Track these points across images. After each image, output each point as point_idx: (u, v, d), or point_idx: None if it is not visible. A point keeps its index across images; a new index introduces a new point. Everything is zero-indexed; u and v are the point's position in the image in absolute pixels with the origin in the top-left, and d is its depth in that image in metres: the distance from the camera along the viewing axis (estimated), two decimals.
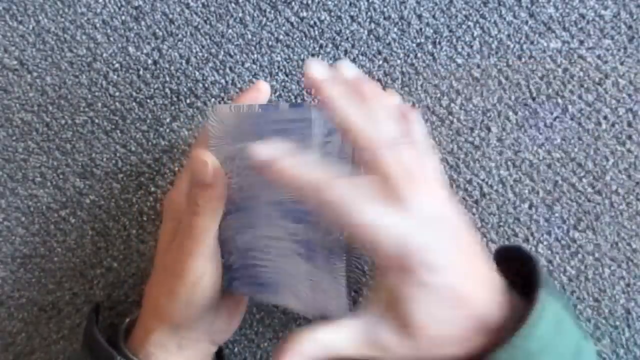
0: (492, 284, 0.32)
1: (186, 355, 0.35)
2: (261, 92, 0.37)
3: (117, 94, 0.45)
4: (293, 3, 0.45)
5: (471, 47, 0.44)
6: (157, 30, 0.45)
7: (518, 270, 0.34)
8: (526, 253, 0.35)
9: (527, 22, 0.44)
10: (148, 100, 0.44)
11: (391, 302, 0.30)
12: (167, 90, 0.45)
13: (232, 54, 0.45)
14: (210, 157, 0.32)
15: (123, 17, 0.45)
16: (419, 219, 0.29)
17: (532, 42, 0.44)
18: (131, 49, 0.45)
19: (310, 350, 0.30)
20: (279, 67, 0.45)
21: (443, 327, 0.30)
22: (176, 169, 0.44)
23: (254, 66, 0.45)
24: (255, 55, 0.45)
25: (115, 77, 0.45)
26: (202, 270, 0.32)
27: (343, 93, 0.30)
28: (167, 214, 0.36)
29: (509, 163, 0.43)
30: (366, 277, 0.38)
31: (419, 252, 0.29)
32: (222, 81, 0.45)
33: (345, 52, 0.44)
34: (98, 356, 0.34)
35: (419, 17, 0.44)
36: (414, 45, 0.44)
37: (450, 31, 0.44)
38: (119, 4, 0.45)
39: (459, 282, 0.30)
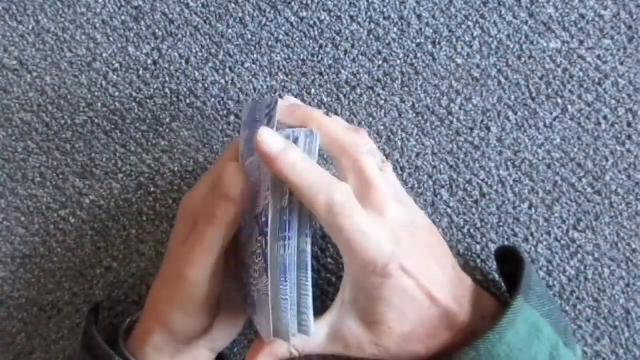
0: (462, 287, 0.33)
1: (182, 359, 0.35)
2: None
3: (117, 94, 0.45)
4: (293, 3, 0.45)
5: (471, 47, 0.44)
6: (157, 30, 0.45)
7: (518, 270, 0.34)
8: (519, 255, 0.35)
9: (527, 22, 0.44)
10: (148, 100, 0.44)
11: (364, 302, 0.32)
12: (167, 90, 0.45)
13: (232, 54, 0.45)
14: (242, 173, 0.32)
15: (123, 17, 0.45)
16: (396, 226, 0.31)
17: (532, 42, 0.44)
18: (131, 49, 0.45)
19: (281, 351, 0.32)
20: (279, 67, 0.45)
21: (413, 325, 0.32)
22: (176, 169, 0.44)
23: (254, 66, 0.45)
24: (255, 55, 0.45)
25: (115, 77, 0.45)
26: (204, 280, 0.32)
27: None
28: (182, 216, 0.36)
29: (509, 163, 0.43)
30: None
31: (397, 259, 0.30)
32: (222, 81, 0.45)
33: (345, 52, 0.44)
34: (96, 356, 0.34)
35: (419, 17, 0.44)
36: (414, 45, 0.44)
37: (450, 31, 0.44)
38: (119, 4, 0.45)
39: (432, 285, 0.31)
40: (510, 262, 0.37)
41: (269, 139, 0.30)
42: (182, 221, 0.35)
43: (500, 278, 0.41)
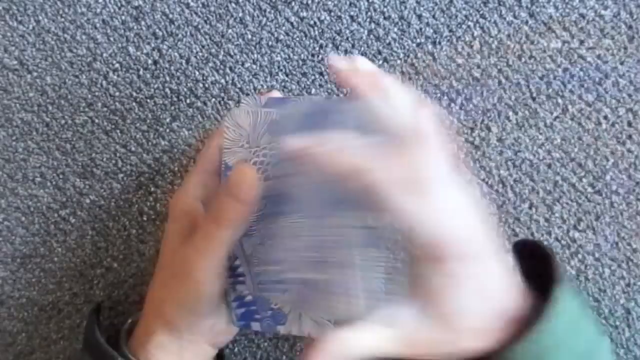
0: (513, 278, 0.32)
1: (186, 357, 0.35)
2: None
3: (117, 94, 0.45)
4: (293, 3, 0.45)
5: (471, 47, 0.44)
6: (157, 30, 0.45)
7: (534, 266, 0.34)
8: (544, 249, 0.35)
9: (527, 22, 0.44)
10: (148, 100, 0.44)
11: (423, 293, 0.30)
12: (167, 90, 0.45)
13: (232, 54, 0.45)
14: (256, 174, 0.31)
15: (123, 17, 0.45)
16: (449, 210, 0.29)
17: (532, 42, 0.44)
18: (131, 49, 0.45)
19: (339, 351, 0.29)
20: (279, 67, 0.45)
21: (472, 318, 0.30)
22: (176, 169, 0.44)
23: (254, 66, 0.45)
24: (255, 55, 0.45)
25: (115, 77, 0.45)
26: (212, 280, 0.32)
27: (368, 85, 0.30)
28: (174, 214, 0.36)
29: (509, 163, 0.43)
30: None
31: (451, 243, 0.29)
32: (222, 81, 0.45)
33: (345, 52, 0.44)
34: (98, 356, 0.34)
35: (419, 17, 0.44)
36: (414, 45, 0.44)
37: (450, 31, 0.44)
38: (119, 4, 0.45)
39: (486, 274, 0.30)
40: (525, 255, 0.36)
41: (294, 140, 0.29)
42: (177, 221, 0.35)
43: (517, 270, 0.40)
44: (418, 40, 0.44)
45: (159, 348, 0.34)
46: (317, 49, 0.45)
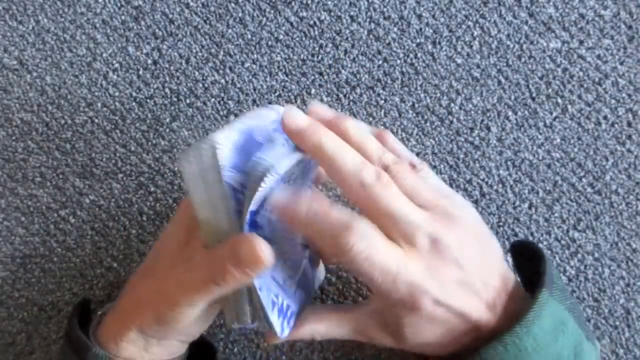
0: (502, 290, 0.33)
1: (154, 352, 0.35)
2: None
3: (117, 93, 0.45)
4: (293, 3, 0.45)
5: (471, 47, 0.44)
6: (157, 30, 0.45)
7: (536, 265, 0.34)
8: (538, 251, 0.35)
9: (527, 22, 0.44)
10: (148, 100, 0.44)
11: (389, 319, 0.33)
12: (167, 90, 0.45)
13: (232, 54, 0.45)
14: (268, 250, 0.30)
15: (123, 17, 0.45)
16: (425, 258, 0.31)
17: (532, 42, 0.44)
18: (131, 49, 0.45)
19: (305, 333, 0.34)
20: (279, 67, 0.45)
21: (438, 337, 0.32)
22: (176, 168, 0.44)
23: (254, 66, 0.45)
24: (255, 55, 0.45)
25: (115, 77, 0.45)
26: (194, 313, 0.32)
27: (330, 139, 0.31)
28: (183, 217, 0.35)
29: (509, 163, 0.43)
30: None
31: (428, 293, 0.30)
32: (222, 81, 0.45)
33: (345, 51, 0.44)
34: (75, 347, 0.35)
35: (419, 17, 0.44)
36: (414, 45, 0.44)
37: (450, 31, 0.44)
38: (119, 4, 0.45)
39: (465, 306, 0.31)
40: (524, 256, 0.37)
41: (280, 197, 0.31)
42: (183, 225, 0.35)
43: (516, 272, 0.40)
44: (418, 40, 0.44)
45: (129, 342, 0.34)
46: (317, 49, 0.45)
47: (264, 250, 0.30)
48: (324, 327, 0.34)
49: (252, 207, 0.30)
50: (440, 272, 0.31)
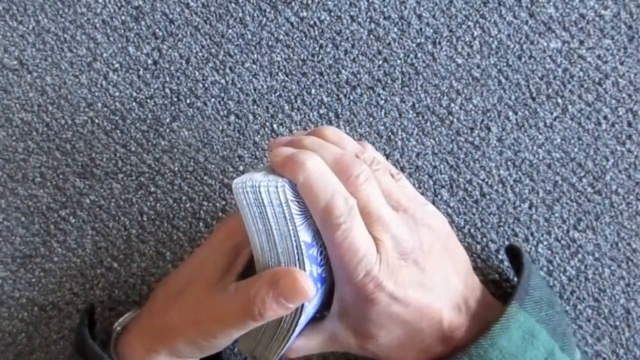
0: (471, 298, 0.33)
1: None
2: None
3: (117, 94, 0.45)
4: (293, 3, 0.45)
5: (471, 47, 0.44)
6: (157, 30, 0.45)
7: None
8: (521, 257, 0.36)
9: (527, 22, 0.44)
10: (148, 101, 0.44)
11: (353, 317, 0.33)
12: (167, 90, 0.45)
13: (232, 54, 0.45)
14: (311, 284, 0.30)
15: (123, 17, 0.45)
16: (388, 256, 0.31)
17: (532, 42, 0.44)
18: (131, 49, 0.45)
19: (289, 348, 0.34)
20: (279, 67, 0.45)
21: (402, 341, 0.32)
22: (176, 169, 0.44)
23: (254, 66, 0.45)
24: (255, 55, 0.45)
25: (115, 77, 0.45)
26: (227, 342, 0.33)
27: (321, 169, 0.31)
28: (224, 243, 0.35)
29: (509, 163, 0.43)
30: None
31: (383, 288, 0.31)
32: (222, 81, 0.45)
33: (345, 52, 0.44)
34: (88, 358, 0.34)
35: (419, 17, 0.44)
36: (414, 45, 0.44)
37: (450, 31, 0.44)
38: (119, 4, 0.45)
39: (426, 308, 0.32)
40: (518, 260, 0.37)
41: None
42: (224, 252, 0.34)
43: (515, 274, 0.41)
44: (418, 40, 0.44)
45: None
46: (317, 49, 0.45)
47: (307, 282, 0.30)
48: (298, 342, 0.34)
49: (309, 239, 0.31)
50: (400, 271, 0.31)
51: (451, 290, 0.33)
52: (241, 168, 0.44)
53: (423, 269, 0.32)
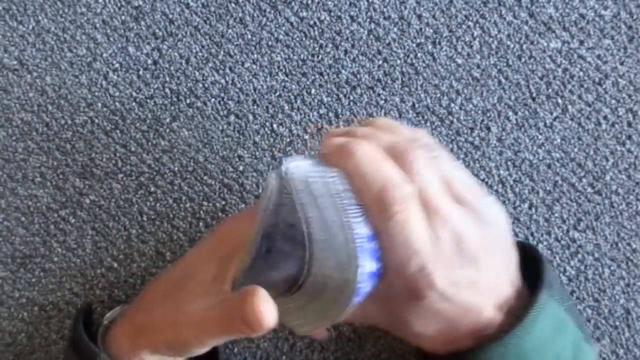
0: (510, 293, 0.32)
1: None
2: None
3: (117, 94, 0.45)
4: (293, 3, 0.45)
5: (471, 47, 0.44)
6: (157, 30, 0.45)
7: (534, 267, 0.34)
8: (536, 253, 0.35)
9: (527, 22, 0.44)
10: (148, 100, 0.45)
11: (393, 305, 0.31)
12: (167, 90, 0.45)
13: (232, 54, 0.45)
14: (272, 312, 0.29)
15: (123, 17, 0.45)
16: (444, 251, 0.29)
17: (532, 42, 0.44)
18: (131, 49, 0.45)
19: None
20: (279, 67, 0.45)
21: (437, 332, 0.31)
22: (176, 169, 0.44)
23: (254, 66, 0.45)
24: (255, 55, 0.45)
25: (115, 77, 0.45)
26: (208, 345, 0.32)
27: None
28: (220, 249, 0.34)
29: (509, 163, 0.43)
30: None
31: (434, 286, 0.29)
32: (222, 81, 0.45)
33: (345, 52, 0.44)
34: (83, 354, 0.34)
35: (419, 17, 0.44)
36: (414, 45, 0.44)
37: (450, 31, 0.44)
38: (119, 4, 0.45)
39: (471, 304, 0.30)
40: (523, 258, 0.36)
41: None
42: (217, 256, 0.33)
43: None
44: (418, 40, 0.44)
45: (145, 358, 0.34)
46: (317, 49, 0.45)
47: (267, 312, 0.28)
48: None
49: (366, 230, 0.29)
50: (455, 269, 0.29)
51: (499, 289, 0.31)
52: (241, 168, 0.44)
53: (478, 267, 0.30)
